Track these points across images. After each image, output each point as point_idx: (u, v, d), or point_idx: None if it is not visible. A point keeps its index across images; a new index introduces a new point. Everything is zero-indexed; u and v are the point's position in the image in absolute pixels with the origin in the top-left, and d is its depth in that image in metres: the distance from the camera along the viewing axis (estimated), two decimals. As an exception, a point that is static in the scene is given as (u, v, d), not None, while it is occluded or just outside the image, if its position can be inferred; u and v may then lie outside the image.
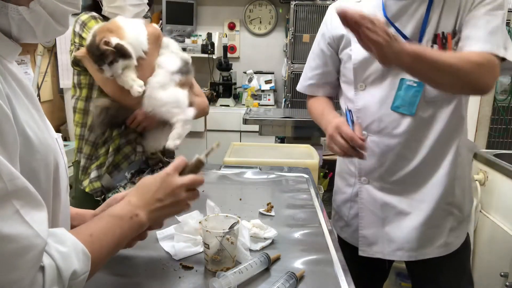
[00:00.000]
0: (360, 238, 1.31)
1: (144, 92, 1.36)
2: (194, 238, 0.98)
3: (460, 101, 1.22)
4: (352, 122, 1.18)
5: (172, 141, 1.40)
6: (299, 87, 1.48)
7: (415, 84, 1.18)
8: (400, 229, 1.26)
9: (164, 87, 1.41)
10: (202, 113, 1.69)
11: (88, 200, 1.49)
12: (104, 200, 1.47)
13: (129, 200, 0.75)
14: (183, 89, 1.43)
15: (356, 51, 1.23)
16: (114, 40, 1.29)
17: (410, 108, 1.19)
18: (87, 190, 1.49)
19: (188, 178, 0.82)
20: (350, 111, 1.23)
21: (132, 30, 1.37)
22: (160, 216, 0.79)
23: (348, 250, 1.33)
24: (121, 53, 1.30)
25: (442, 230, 1.26)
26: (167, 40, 1.50)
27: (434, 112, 1.20)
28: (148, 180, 0.80)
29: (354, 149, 1.12)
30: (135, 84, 1.34)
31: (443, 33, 1.16)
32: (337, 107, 1.41)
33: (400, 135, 1.21)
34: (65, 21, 0.61)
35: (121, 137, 1.50)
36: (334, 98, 1.45)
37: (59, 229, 0.59)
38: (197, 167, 0.86)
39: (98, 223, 0.68)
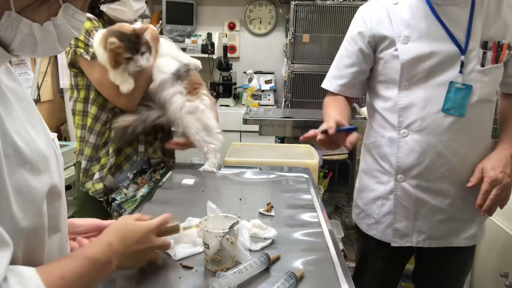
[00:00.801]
0: (393, 231, 1.35)
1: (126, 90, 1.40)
2: (194, 239, 0.98)
3: (492, 104, 1.29)
4: (351, 130, 1.19)
5: (209, 167, 1.54)
6: (331, 87, 1.44)
7: (463, 87, 1.22)
8: (431, 222, 1.31)
9: (194, 112, 1.46)
10: None
11: (90, 201, 1.49)
12: (107, 201, 1.48)
13: (110, 243, 0.73)
14: (200, 101, 1.50)
15: (403, 51, 1.25)
16: (147, 35, 1.35)
17: (461, 109, 1.23)
18: (89, 192, 1.50)
19: (162, 241, 0.86)
20: (356, 128, 1.22)
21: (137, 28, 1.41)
22: (124, 265, 0.78)
23: (372, 243, 1.41)
24: (148, 46, 1.36)
25: (472, 223, 1.33)
26: (164, 42, 1.51)
27: (475, 114, 1.25)
28: (131, 227, 0.80)
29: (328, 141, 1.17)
30: (125, 82, 1.38)
31: (499, 42, 1.23)
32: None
33: (442, 134, 1.24)
34: (67, 43, 0.61)
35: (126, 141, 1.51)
36: (358, 99, 1.48)
37: (28, 269, 0.56)
38: (172, 231, 0.91)
39: (72, 264, 0.63)
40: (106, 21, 1.50)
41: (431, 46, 1.23)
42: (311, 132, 1.18)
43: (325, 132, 1.16)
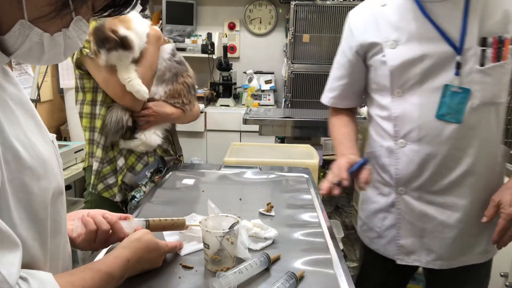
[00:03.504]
0: (398, 247, 1.26)
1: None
2: (198, 236, 0.98)
3: (499, 107, 1.17)
4: (362, 165, 1.14)
5: None
6: (324, 100, 1.40)
7: (460, 90, 1.11)
8: (440, 240, 1.21)
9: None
10: (196, 118, 1.73)
11: (104, 203, 1.49)
12: (123, 203, 1.49)
13: (128, 260, 0.76)
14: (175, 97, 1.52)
15: (391, 56, 1.17)
16: (122, 31, 1.32)
17: (457, 115, 1.12)
18: (104, 195, 1.50)
19: (172, 245, 0.93)
20: (365, 160, 1.17)
21: (139, 25, 1.40)
22: (130, 275, 0.81)
23: (375, 257, 1.33)
24: (124, 44, 1.34)
25: (482, 237, 1.22)
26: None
27: (478, 119, 1.14)
28: (152, 247, 0.85)
29: (336, 186, 1.10)
30: (141, 89, 1.40)
31: (500, 37, 1.10)
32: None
33: (443, 144, 1.14)
34: (70, 54, 0.62)
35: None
36: (359, 107, 1.42)
37: (45, 274, 0.56)
38: (177, 227, 0.97)
39: (93, 277, 0.67)
40: None
41: (422, 48, 1.13)
42: (327, 188, 1.09)
43: (339, 183, 1.10)
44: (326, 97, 1.40)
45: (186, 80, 1.54)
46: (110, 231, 0.87)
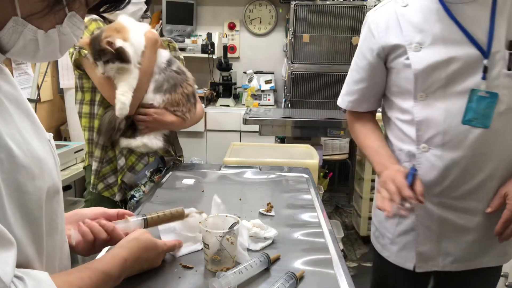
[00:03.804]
0: (416, 255, 1.22)
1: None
2: (194, 236, 0.98)
3: None
4: (413, 177, 1.09)
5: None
6: (342, 103, 1.35)
7: (487, 95, 1.08)
8: (458, 244, 1.18)
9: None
10: (198, 120, 1.71)
11: (103, 202, 1.49)
12: (122, 202, 1.49)
13: (125, 259, 0.76)
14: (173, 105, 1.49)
15: (415, 59, 1.12)
16: (118, 43, 1.30)
17: (484, 120, 1.09)
18: (104, 194, 1.50)
19: (170, 244, 0.93)
20: (415, 170, 1.12)
21: (136, 34, 1.38)
22: (128, 275, 0.81)
23: (387, 264, 1.28)
24: (120, 56, 1.32)
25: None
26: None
27: (504, 123, 1.10)
28: (149, 246, 0.85)
29: (401, 205, 1.03)
30: (118, 102, 1.37)
31: None
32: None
33: (467, 149, 1.10)
34: (66, 50, 0.62)
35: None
36: (376, 110, 1.36)
37: (41, 273, 0.56)
38: (177, 218, 0.98)
39: (90, 276, 0.66)
40: (109, 22, 1.50)
41: (448, 51, 1.09)
42: (391, 209, 1.03)
43: (404, 200, 1.04)
44: (344, 101, 1.35)
45: (186, 90, 1.52)
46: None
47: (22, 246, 0.55)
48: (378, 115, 1.35)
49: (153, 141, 1.50)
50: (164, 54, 1.51)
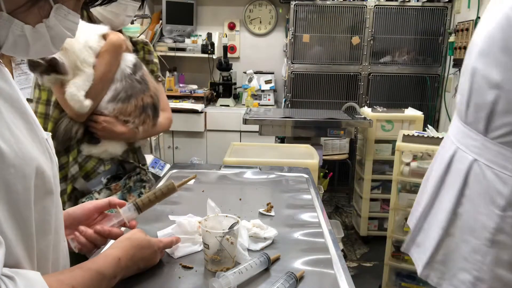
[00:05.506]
0: None
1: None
2: (192, 237, 0.98)
3: None
4: None
5: None
6: None
7: None
8: None
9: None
10: (162, 131, 1.61)
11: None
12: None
13: (119, 258, 0.76)
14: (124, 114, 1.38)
15: None
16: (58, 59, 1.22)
17: None
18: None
19: (167, 241, 0.93)
20: None
21: (83, 40, 1.29)
22: (126, 276, 0.81)
23: None
24: (54, 68, 1.24)
25: None
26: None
27: None
28: (143, 244, 0.84)
29: None
30: (71, 99, 1.28)
31: None
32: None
33: None
34: (60, 44, 0.61)
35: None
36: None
37: (33, 273, 0.56)
38: (169, 192, 0.99)
39: (82, 275, 0.66)
40: (93, 21, 1.41)
41: None
42: None
43: None
44: None
45: (141, 102, 1.40)
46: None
47: (11, 245, 0.54)
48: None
49: (116, 146, 1.42)
50: (129, 58, 1.39)
